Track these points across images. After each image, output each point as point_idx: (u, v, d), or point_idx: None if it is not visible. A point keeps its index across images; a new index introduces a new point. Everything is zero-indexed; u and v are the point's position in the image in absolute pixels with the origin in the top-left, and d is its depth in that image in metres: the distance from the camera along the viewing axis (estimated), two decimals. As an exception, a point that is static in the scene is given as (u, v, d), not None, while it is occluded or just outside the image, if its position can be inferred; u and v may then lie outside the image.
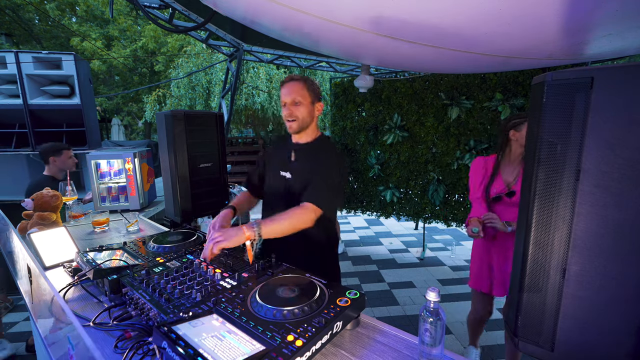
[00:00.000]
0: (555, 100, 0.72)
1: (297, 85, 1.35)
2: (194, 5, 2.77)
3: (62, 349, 0.78)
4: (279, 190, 1.45)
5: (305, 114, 1.37)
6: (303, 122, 1.38)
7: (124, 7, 13.07)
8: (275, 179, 1.48)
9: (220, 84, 9.67)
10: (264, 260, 1.14)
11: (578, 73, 0.69)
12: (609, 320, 0.70)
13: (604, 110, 0.66)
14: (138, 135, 15.73)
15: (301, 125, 1.38)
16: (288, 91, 1.36)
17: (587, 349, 0.72)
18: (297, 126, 1.38)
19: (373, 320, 0.93)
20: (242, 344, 0.69)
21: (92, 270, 1.04)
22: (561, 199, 0.72)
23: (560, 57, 1.92)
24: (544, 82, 0.73)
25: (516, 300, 0.81)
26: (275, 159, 1.52)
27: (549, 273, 0.75)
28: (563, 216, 0.72)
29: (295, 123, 1.37)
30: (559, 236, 0.73)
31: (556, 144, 0.72)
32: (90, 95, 3.61)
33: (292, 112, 1.35)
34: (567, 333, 0.74)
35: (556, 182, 0.72)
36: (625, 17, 1.22)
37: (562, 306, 0.73)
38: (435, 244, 4.69)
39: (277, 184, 1.46)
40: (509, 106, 3.17)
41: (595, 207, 0.68)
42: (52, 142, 2.60)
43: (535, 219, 0.76)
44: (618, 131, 0.66)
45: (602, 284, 0.69)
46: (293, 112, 1.35)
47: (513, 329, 0.82)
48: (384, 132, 4.03)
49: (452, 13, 1.28)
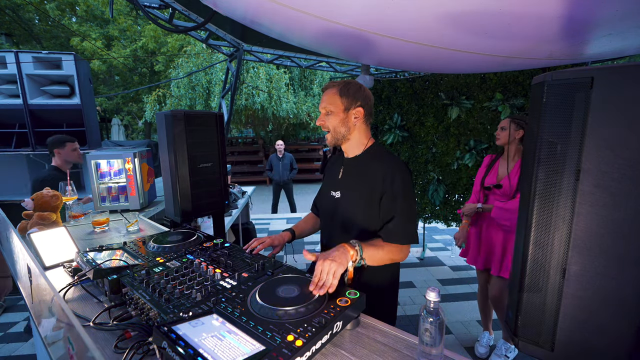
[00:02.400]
0: (555, 100, 0.72)
1: (329, 92, 1.24)
2: (194, 5, 2.77)
3: (62, 349, 0.78)
4: (331, 211, 1.34)
5: (337, 123, 1.23)
6: (336, 132, 1.25)
7: (124, 7, 13.06)
8: (326, 199, 1.38)
9: (220, 84, 9.68)
10: (264, 260, 1.14)
11: (578, 73, 0.69)
12: (609, 320, 0.70)
13: (604, 110, 0.66)
14: (138, 135, 15.73)
15: (335, 136, 1.26)
16: (322, 100, 1.26)
17: (587, 349, 0.72)
18: (332, 137, 1.26)
19: (373, 320, 0.93)
20: (242, 344, 0.69)
21: (92, 270, 1.04)
22: (561, 199, 0.72)
23: (560, 57, 1.92)
24: (544, 82, 0.73)
25: (516, 300, 0.81)
26: (328, 176, 1.43)
27: (549, 273, 0.75)
28: (563, 216, 0.72)
29: (329, 135, 1.26)
30: (559, 236, 0.73)
31: (556, 144, 0.72)
32: (90, 95, 3.61)
33: (323, 123, 1.26)
34: (567, 333, 0.74)
35: (556, 182, 0.72)
36: (625, 17, 1.22)
37: (562, 306, 0.74)
38: (435, 244, 4.69)
39: (328, 205, 1.36)
40: (509, 106, 3.17)
41: (595, 207, 0.68)
42: (58, 135, 2.69)
43: (535, 219, 0.76)
44: (618, 131, 0.66)
45: (602, 284, 0.69)
46: (324, 123, 1.25)
47: (513, 329, 0.82)
48: (384, 132, 4.02)
49: (452, 13, 1.28)
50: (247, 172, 12.51)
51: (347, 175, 1.31)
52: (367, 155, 1.29)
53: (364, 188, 1.23)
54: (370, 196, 1.22)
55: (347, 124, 1.24)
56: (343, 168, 1.33)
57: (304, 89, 11.27)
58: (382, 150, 1.29)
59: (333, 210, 1.32)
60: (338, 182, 1.33)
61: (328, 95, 1.24)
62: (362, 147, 1.30)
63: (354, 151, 1.31)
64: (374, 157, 1.27)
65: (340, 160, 1.38)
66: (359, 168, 1.28)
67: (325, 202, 1.39)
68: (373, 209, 1.22)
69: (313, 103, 10.95)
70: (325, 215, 1.40)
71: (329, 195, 1.35)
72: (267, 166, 6.53)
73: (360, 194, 1.24)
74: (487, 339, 2.40)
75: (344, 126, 1.24)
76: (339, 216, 1.30)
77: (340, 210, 1.29)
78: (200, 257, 1.18)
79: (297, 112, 10.72)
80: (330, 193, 1.34)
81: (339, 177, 1.33)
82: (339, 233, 1.30)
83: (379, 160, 1.24)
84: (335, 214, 1.31)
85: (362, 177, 1.25)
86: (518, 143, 2.06)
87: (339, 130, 1.25)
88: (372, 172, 1.22)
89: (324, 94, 1.26)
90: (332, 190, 1.34)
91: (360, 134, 1.28)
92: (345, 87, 1.23)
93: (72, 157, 2.68)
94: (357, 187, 1.25)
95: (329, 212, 1.36)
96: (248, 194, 3.89)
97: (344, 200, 1.28)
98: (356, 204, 1.25)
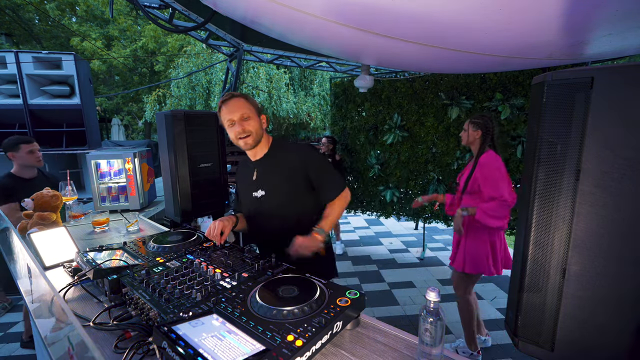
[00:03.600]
0: (555, 100, 0.72)
1: (239, 102, 1.32)
2: (194, 5, 2.77)
3: (62, 349, 0.78)
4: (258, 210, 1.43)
5: (257, 126, 1.34)
6: (257, 135, 1.35)
7: (124, 7, 13.07)
8: (250, 202, 1.45)
9: (220, 84, 9.67)
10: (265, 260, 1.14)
11: (578, 73, 0.69)
12: (609, 320, 0.70)
13: (604, 110, 0.66)
14: (138, 135, 15.73)
15: (256, 138, 1.35)
16: (233, 109, 1.31)
17: (587, 349, 0.72)
18: (253, 140, 1.34)
19: (373, 320, 0.93)
20: (242, 343, 0.69)
21: (92, 270, 1.04)
22: (561, 199, 0.72)
23: (560, 57, 1.92)
24: (544, 82, 0.73)
25: (516, 300, 0.81)
26: (243, 182, 1.51)
27: (549, 273, 0.75)
28: (563, 216, 0.72)
29: (251, 138, 1.33)
30: (559, 236, 0.73)
31: (556, 144, 0.72)
32: (90, 95, 3.61)
33: (244, 128, 1.31)
34: (567, 333, 0.74)
35: (556, 182, 0.72)
36: (625, 17, 1.22)
37: (562, 306, 0.73)
38: (435, 244, 4.68)
39: (253, 206, 1.44)
40: (509, 106, 3.17)
41: (595, 207, 0.68)
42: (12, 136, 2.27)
43: (535, 219, 0.76)
44: (618, 131, 0.66)
45: (602, 284, 0.69)
46: (245, 127, 1.31)
47: (513, 329, 0.82)
48: (384, 132, 4.03)
49: (452, 13, 1.28)
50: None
51: (262, 174, 1.41)
52: (273, 150, 1.42)
53: (284, 177, 1.36)
54: (293, 181, 1.36)
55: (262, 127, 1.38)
56: (256, 169, 1.42)
57: (304, 89, 11.27)
58: (284, 141, 1.47)
59: (260, 209, 1.42)
60: (255, 183, 1.42)
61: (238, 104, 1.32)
62: (267, 145, 1.42)
63: (262, 152, 1.41)
64: (280, 149, 1.41)
65: (249, 165, 1.45)
66: (271, 164, 1.40)
67: (250, 204, 1.46)
68: (300, 192, 1.38)
69: (313, 103, 10.95)
70: (254, 217, 1.47)
71: (252, 197, 1.43)
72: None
73: (283, 184, 1.37)
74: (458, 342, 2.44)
75: (261, 129, 1.37)
76: (268, 212, 1.41)
77: (268, 205, 1.40)
78: (200, 257, 1.18)
79: (297, 112, 10.72)
80: (252, 195, 1.43)
81: (254, 178, 1.42)
82: (273, 226, 1.41)
83: (286, 150, 1.40)
84: (264, 211, 1.42)
85: (278, 169, 1.38)
86: (479, 143, 2.12)
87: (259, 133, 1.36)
88: (286, 161, 1.38)
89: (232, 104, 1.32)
90: (253, 191, 1.43)
91: (265, 136, 1.42)
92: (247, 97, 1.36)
93: (30, 160, 2.25)
94: (277, 178, 1.38)
95: (256, 212, 1.44)
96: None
97: (269, 195, 1.39)
98: (284, 193, 1.37)
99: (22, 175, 2.26)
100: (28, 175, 2.28)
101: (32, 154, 2.24)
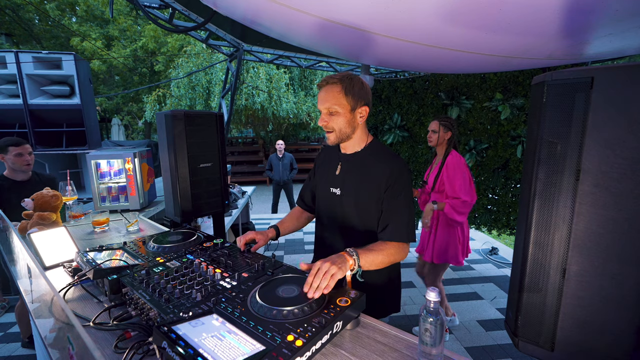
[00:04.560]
0: (555, 100, 0.72)
1: (332, 90, 1.16)
2: (194, 5, 2.77)
3: (62, 349, 0.78)
4: (331, 208, 1.31)
5: (343, 124, 1.18)
6: (342, 133, 1.20)
7: (124, 7, 13.07)
8: (326, 196, 1.33)
9: (220, 84, 9.68)
10: (264, 260, 1.14)
11: (578, 73, 0.69)
12: (609, 320, 0.70)
13: (604, 110, 0.66)
14: (138, 135, 15.74)
15: (340, 137, 1.21)
16: (323, 98, 1.17)
17: (587, 349, 0.72)
18: (335, 138, 1.21)
19: (373, 320, 0.93)
20: (242, 344, 0.69)
21: (92, 270, 1.04)
22: (561, 199, 0.72)
23: (560, 57, 1.92)
24: (544, 82, 0.73)
25: (516, 300, 0.81)
26: (324, 172, 1.38)
27: (549, 273, 0.75)
28: (563, 216, 0.72)
29: (333, 135, 1.20)
30: (559, 236, 0.73)
31: (556, 144, 0.72)
32: (90, 95, 3.61)
33: (327, 124, 1.19)
34: (567, 333, 0.74)
35: (556, 182, 0.72)
36: (625, 17, 1.22)
37: (562, 306, 0.74)
38: (435, 244, 4.68)
39: (328, 202, 1.32)
40: (509, 106, 3.17)
41: (595, 207, 0.68)
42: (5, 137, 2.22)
43: (535, 219, 0.76)
44: (618, 131, 0.66)
45: (602, 284, 0.69)
46: (328, 124, 1.19)
47: (513, 329, 0.82)
48: (384, 132, 4.03)
49: (452, 12, 1.28)
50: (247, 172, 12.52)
51: (346, 172, 1.27)
52: (367, 152, 1.25)
53: (367, 186, 1.20)
54: (372, 194, 1.20)
55: (353, 124, 1.20)
56: (341, 164, 1.29)
57: (304, 89, 11.27)
58: (382, 147, 1.27)
59: (334, 207, 1.29)
60: (337, 179, 1.29)
61: (331, 93, 1.16)
62: (363, 143, 1.27)
63: (354, 148, 1.27)
64: (374, 154, 1.24)
65: (336, 155, 1.33)
66: (359, 165, 1.24)
67: (325, 199, 1.34)
68: (372, 207, 1.21)
69: (313, 103, 10.94)
70: (325, 212, 1.35)
71: (329, 192, 1.31)
72: (267, 166, 6.53)
73: (363, 192, 1.21)
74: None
75: (350, 127, 1.20)
76: (339, 213, 1.27)
77: (342, 207, 1.26)
78: (200, 257, 1.18)
79: (297, 112, 10.72)
80: (330, 190, 1.30)
81: (337, 173, 1.29)
82: (339, 229, 1.29)
83: (381, 158, 1.22)
84: (336, 211, 1.29)
85: (364, 175, 1.22)
86: (447, 144, 2.33)
87: (345, 132, 1.20)
88: (376, 170, 1.20)
89: (325, 92, 1.17)
90: (332, 187, 1.30)
91: (362, 131, 1.25)
92: (350, 84, 1.15)
93: (17, 163, 2.17)
94: (359, 184, 1.22)
95: (329, 208, 1.32)
96: (248, 194, 3.89)
97: (346, 198, 1.25)
98: (359, 201, 1.22)
99: (14, 177, 2.22)
100: (20, 177, 2.24)
101: (19, 157, 2.17)
